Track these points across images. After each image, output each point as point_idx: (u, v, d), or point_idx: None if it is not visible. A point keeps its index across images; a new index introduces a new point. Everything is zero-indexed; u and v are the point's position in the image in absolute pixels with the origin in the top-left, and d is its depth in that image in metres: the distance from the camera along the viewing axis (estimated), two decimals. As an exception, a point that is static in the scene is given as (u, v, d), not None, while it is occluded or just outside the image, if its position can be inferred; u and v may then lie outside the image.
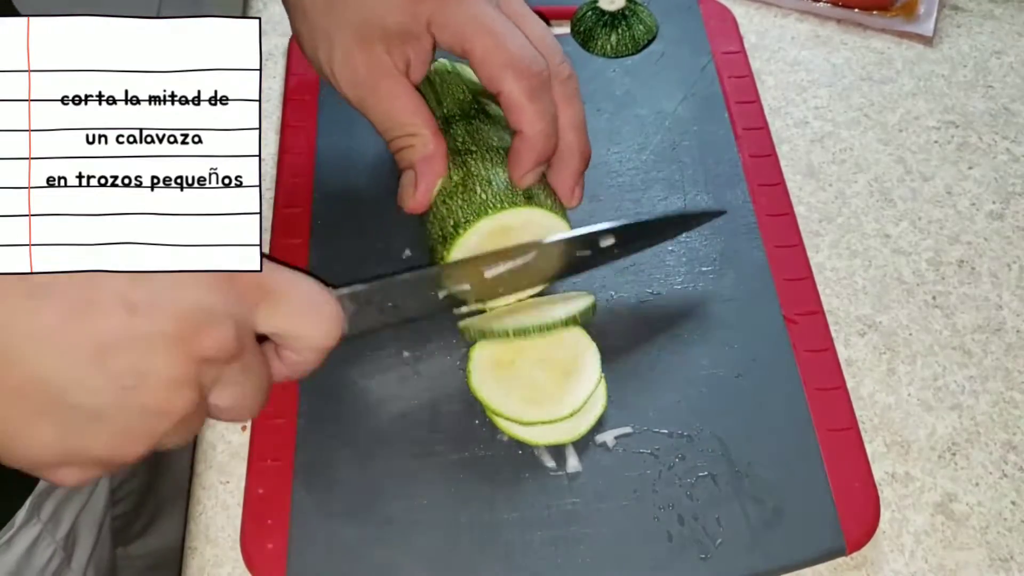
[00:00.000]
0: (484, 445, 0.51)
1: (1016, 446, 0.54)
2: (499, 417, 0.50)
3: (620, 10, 0.68)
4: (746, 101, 0.66)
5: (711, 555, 0.48)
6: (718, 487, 0.50)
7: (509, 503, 0.49)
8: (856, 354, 0.57)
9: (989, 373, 0.57)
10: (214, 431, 0.54)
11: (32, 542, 0.59)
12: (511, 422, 0.50)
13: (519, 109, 0.47)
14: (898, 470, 0.53)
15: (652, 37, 0.70)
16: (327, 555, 0.48)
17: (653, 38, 0.70)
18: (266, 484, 0.50)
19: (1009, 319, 0.59)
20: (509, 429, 0.50)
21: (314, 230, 0.59)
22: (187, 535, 0.51)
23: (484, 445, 0.51)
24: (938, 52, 0.71)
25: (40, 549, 0.60)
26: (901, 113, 0.68)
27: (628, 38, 0.69)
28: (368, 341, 0.55)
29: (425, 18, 0.47)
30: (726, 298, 0.57)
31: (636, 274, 0.58)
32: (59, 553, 0.62)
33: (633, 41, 0.69)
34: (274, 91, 0.68)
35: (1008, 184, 0.65)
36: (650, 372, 0.54)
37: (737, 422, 0.52)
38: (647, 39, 0.69)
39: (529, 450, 0.51)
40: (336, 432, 0.52)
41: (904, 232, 0.62)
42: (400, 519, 0.49)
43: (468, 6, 0.47)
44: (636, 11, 0.69)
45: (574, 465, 0.51)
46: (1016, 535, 0.51)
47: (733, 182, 0.62)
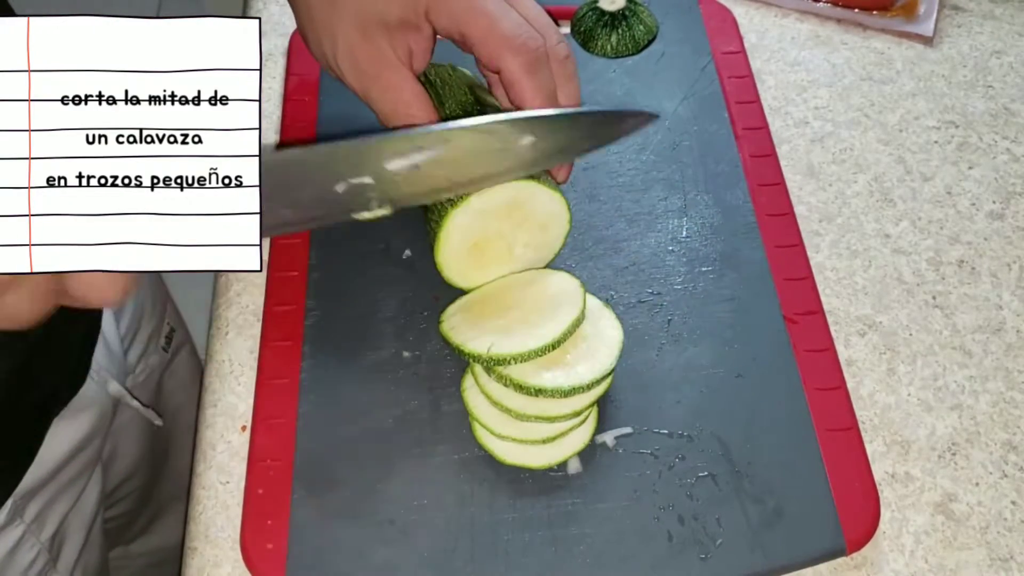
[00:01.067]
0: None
1: (1016, 446, 0.54)
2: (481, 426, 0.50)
3: (620, 10, 0.68)
4: (746, 101, 0.66)
5: (711, 555, 0.48)
6: (718, 487, 0.50)
7: (509, 503, 0.49)
8: (856, 354, 0.57)
9: (989, 373, 0.57)
10: (214, 431, 0.54)
11: (15, 543, 0.59)
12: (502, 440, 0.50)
13: (519, 83, 0.48)
14: (898, 470, 0.53)
15: (652, 37, 0.70)
16: (327, 555, 0.48)
17: (653, 38, 0.70)
18: (266, 484, 0.50)
19: (1009, 319, 0.59)
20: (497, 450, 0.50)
21: (313, 229, 0.59)
22: (187, 535, 0.51)
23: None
24: (938, 52, 0.71)
25: (23, 551, 0.59)
26: (901, 113, 0.68)
27: (628, 38, 0.69)
28: (368, 341, 0.55)
29: (423, 7, 0.48)
30: (726, 298, 0.57)
31: (636, 274, 0.58)
32: (44, 554, 0.61)
33: (633, 41, 0.69)
34: (274, 91, 0.68)
35: (1008, 184, 0.65)
36: (650, 372, 0.54)
37: (737, 422, 0.52)
38: (647, 39, 0.69)
39: (529, 450, 0.51)
40: (336, 432, 0.52)
41: (904, 232, 0.62)
42: (400, 519, 0.49)
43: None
44: (636, 11, 0.69)
45: (574, 465, 0.51)
46: (1016, 535, 0.51)
47: (733, 182, 0.62)
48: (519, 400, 0.49)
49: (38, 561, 0.61)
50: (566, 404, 0.49)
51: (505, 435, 0.50)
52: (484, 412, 0.50)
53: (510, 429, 0.49)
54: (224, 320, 0.58)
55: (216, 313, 0.59)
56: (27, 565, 0.60)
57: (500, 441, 0.50)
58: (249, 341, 0.57)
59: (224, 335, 0.58)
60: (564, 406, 0.49)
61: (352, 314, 0.56)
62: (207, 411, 0.55)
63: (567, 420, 0.49)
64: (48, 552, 0.62)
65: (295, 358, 0.54)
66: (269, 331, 0.56)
